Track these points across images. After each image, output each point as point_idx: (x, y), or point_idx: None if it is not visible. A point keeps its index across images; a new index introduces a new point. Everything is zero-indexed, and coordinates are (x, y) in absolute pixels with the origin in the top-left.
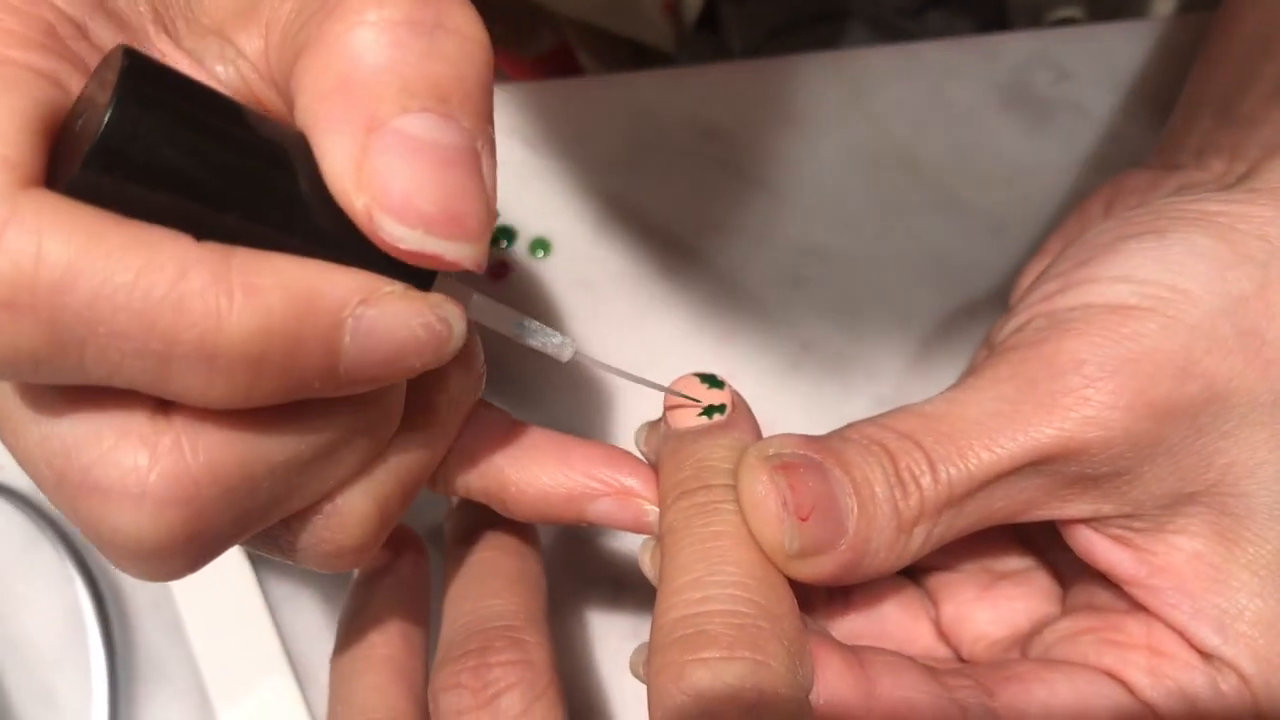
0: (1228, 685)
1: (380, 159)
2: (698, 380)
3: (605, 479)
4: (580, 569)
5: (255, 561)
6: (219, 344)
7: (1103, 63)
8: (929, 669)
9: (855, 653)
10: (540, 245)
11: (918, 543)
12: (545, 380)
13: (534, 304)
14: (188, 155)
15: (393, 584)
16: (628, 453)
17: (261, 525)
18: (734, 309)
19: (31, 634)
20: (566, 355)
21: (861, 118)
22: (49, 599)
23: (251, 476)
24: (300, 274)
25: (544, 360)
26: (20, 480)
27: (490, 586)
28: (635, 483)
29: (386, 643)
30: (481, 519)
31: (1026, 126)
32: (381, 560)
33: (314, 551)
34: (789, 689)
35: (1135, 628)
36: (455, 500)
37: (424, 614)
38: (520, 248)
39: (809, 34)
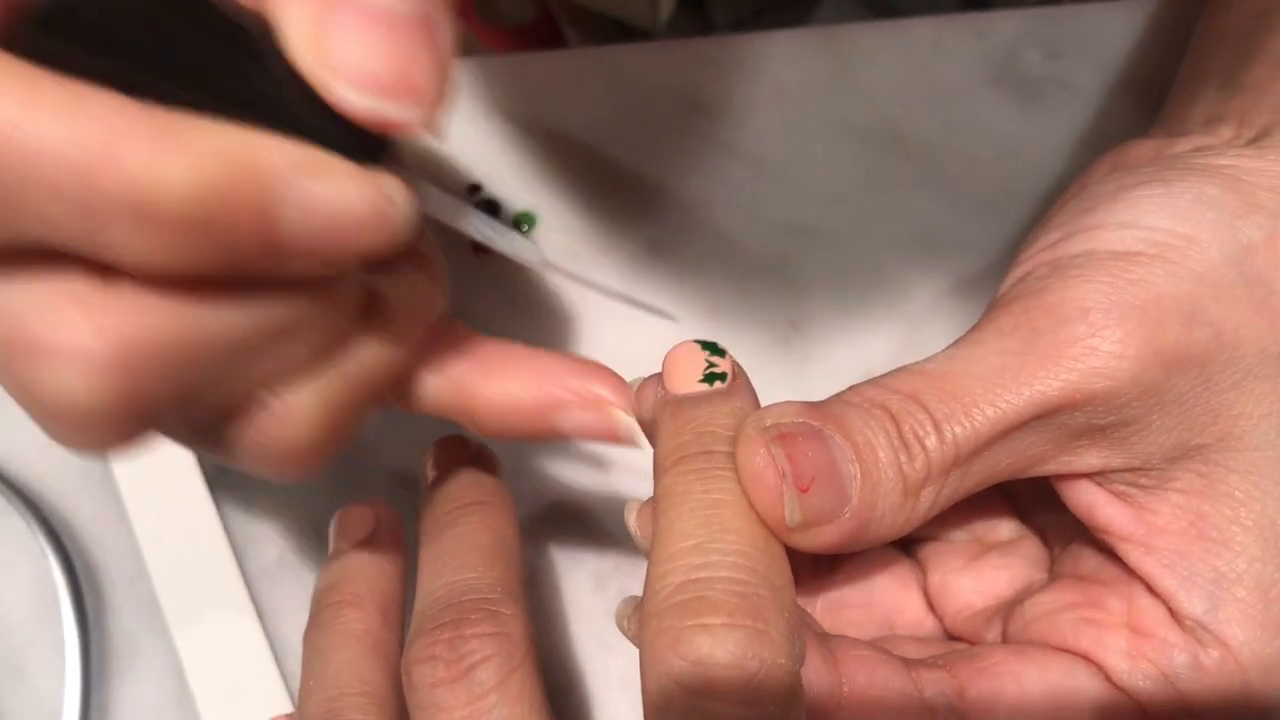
0: (1209, 660)
1: (337, 30)
2: (698, 347)
3: (576, 388)
4: (560, 544)
5: (232, 537)
6: (155, 201)
7: (1093, 41)
8: (903, 663)
9: (831, 646)
10: (525, 219)
11: (925, 505)
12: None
13: (519, 277)
14: (137, 23)
15: (368, 558)
16: (600, 364)
17: (201, 406)
18: (721, 286)
19: (2, 609)
20: (537, 258)
21: (850, 94)
22: (20, 573)
23: (191, 348)
24: (241, 139)
25: (505, 289)
26: None
27: (465, 559)
28: (607, 391)
29: (361, 618)
30: (457, 494)
31: (1016, 104)
32: (357, 535)
33: (259, 450)
34: (788, 659)
35: (1115, 603)
36: (430, 476)
37: (399, 588)
38: (504, 222)
39: (792, 10)
